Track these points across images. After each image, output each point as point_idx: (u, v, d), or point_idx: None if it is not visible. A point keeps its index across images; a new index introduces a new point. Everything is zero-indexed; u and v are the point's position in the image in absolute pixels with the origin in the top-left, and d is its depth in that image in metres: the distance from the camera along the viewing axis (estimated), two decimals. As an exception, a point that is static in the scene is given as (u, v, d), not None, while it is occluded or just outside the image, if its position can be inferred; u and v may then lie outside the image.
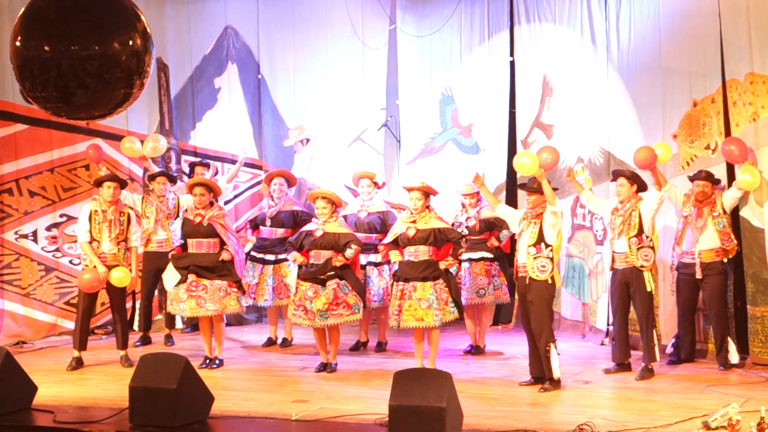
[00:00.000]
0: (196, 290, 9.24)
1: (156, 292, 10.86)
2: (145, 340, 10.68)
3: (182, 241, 9.41)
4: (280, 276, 10.32)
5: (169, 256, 9.51)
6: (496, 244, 9.74)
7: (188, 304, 9.25)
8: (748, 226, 8.85)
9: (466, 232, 9.65)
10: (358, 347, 10.15)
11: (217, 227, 9.30)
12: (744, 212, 8.88)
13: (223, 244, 9.32)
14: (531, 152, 8.43)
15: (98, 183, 9.65)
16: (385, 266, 9.81)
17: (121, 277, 9.38)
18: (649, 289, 8.60)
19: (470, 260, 9.75)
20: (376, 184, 10.16)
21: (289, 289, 10.19)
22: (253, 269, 10.28)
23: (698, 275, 8.83)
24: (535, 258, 8.26)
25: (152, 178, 10.60)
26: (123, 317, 9.64)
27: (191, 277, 9.24)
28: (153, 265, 10.52)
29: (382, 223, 9.89)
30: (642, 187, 8.69)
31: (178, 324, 11.12)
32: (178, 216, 10.48)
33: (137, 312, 10.83)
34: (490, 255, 9.78)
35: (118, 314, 9.61)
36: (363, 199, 10.13)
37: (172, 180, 10.72)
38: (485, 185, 9.04)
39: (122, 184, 9.71)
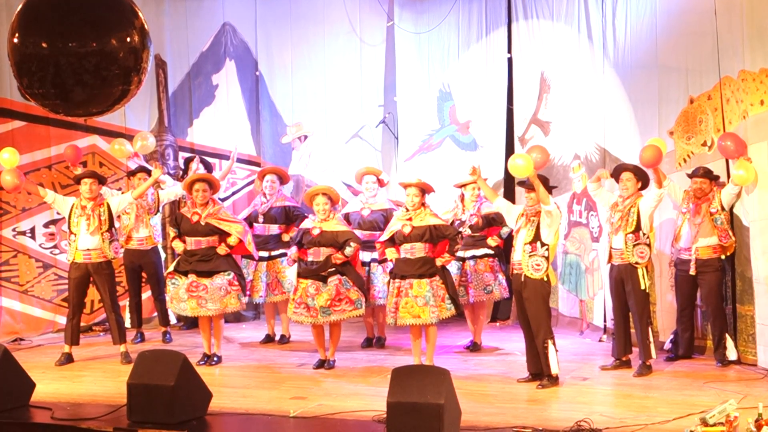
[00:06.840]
0: (197, 290, 9.24)
1: (150, 293, 10.84)
2: (141, 337, 10.67)
3: (177, 231, 9.40)
4: (274, 272, 10.32)
5: (178, 250, 9.43)
6: (493, 243, 9.73)
7: (189, 303, 9.25)
8: (738, 223, 8.85)
9: (468, 231, 9.65)
10: (370, 344, 10.13)
11: (216, 224, 9.32)
12: (736, 209, 8.88)
13: (221, 240, 9.34)
14: (524, 154, 8.38)
15: (77, 180, 9.77)
16: (389, 263, 9.77)
17: (7, 159, 9.48)
18: (643, 287, 8.59)
19: (474, 257, 9.75)
20: (381, 181, 10.14)
21: (283, 285, 10.19)
22: (247, 266, 10.27)
23: (692, 271, 8.84)
24: (530, 256, 8.24)
25: (132, 173, 10.62)
26: (115, 312, 9.61)
27: (192, 277, 9.25)
28: (134, 264, 10.57)
29: (385, 221, 9.82)
30: (645, 183, 8.69)
31: (172, 320, 11.10)
32: (158, 211, 10.52)
33: (127, 310, 10.82)
34: (491, 251, 9.78)
35: (110, 309, 9.61)
36: (366, 197, 10.10)
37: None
38: (482, 178, 9.02)
39: (100, 180, 9.77)
